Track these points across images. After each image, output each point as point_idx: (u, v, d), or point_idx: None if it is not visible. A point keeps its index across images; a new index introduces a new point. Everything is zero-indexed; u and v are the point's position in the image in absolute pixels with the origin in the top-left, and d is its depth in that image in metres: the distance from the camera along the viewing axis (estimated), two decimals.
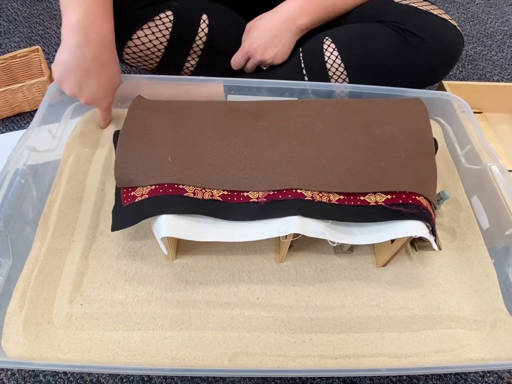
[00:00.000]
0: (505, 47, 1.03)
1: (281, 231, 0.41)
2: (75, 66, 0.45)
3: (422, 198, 0.43)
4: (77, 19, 0.44)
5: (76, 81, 0.47)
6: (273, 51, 0.64)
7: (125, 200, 0.43)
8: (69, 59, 0.45)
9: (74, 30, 0.44)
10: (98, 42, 0.45)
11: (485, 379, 0.53)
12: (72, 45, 0.44)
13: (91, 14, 0.45)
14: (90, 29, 0.44)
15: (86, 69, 0.46)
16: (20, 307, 0.43)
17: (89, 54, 0.45)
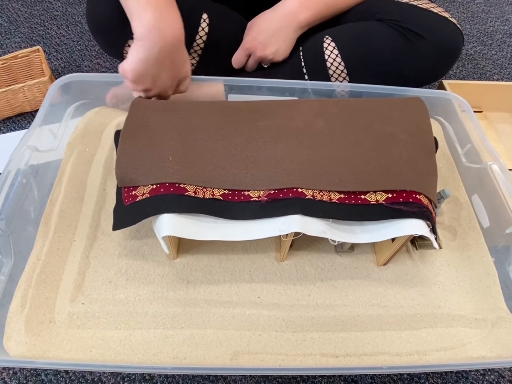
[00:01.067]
0: (505, 46, 1.03)
1: (282, 230, 0.41)
2: (153, 63, 0.46)
3: (422, 197, 0.44)
4: (150, 18, 0.44)
5: (152, 76, 0.48)
6: (274, 47, 0.64)
7: (126, 200, 0.43)
8: (146, 57, 0.46)
9: (149, 30, 0.44)
10: (172, 37, 0.46)
11: (486, 377, 0.53)
12: (149, 44, 0.45)
13: (163, 10, 0.45)
14: (163, 25, 0.45)
15: (161, 63, 0.47)
16: (22, 306, 0.43)
17: (165, 50, 0.46)
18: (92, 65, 0.89)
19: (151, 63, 0.46)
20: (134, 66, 0.47)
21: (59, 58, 0.90)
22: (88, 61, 0.90)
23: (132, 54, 0.46)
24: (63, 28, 0.96)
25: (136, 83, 0.49)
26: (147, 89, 0.50)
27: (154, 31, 0.45)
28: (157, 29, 0.45)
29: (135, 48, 0.46)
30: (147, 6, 0.45)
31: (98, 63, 0.90)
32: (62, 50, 0.92)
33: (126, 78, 0.49)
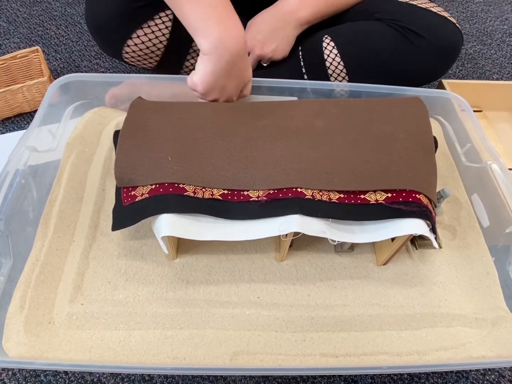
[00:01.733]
0: (504, 45, 1.03)
1: (281, 230, 0.41)
2: (221, 75, 0.48)
3: (422, 196, 0.43)
4: (216, 33, 0.45)
5: (220, 87, 0.49)
6: (273, 45, 0.64)
7: (125, 200, 0.43)
8: (214, 70, 0.47)
9: (215, 45, 0.45)
10: (236, 48, 0.46)
11: (486, 377, 0.53)
12: (215, 57, 0.46)
13: (225, 21, 0.46)
14: (227, 37, 0.46)
15: (228, 74, 0.48)
16: (21, 307, 0.43)
17: (231, 61, 0.47)
18: (91, 65, 0.89)
19: (219, 75, 0.48)
20: (204, 79, 0.48)
21: (58, 59, 0.90)
22: (87, 61, 0.90)
23: (200, 68, 0.48)
24: (62, 29, 0.96)
25: (206, 95, 0.50)
26: (215, 99, 0.51)
27: (220, 45, 0.45)
28: (223, 42, 0.45)
29: (203, 62, 0.47)
30: (211, 21, 0.45)
31: (97, 63, 0.90)
32: (61, 50, 0.91)
33: (195, 91, 0.50)
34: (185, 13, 0.46)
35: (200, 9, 0.45)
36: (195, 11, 0.46)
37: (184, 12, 0.47)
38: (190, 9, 0.46)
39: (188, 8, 0.46)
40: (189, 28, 0.47)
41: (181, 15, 0.47)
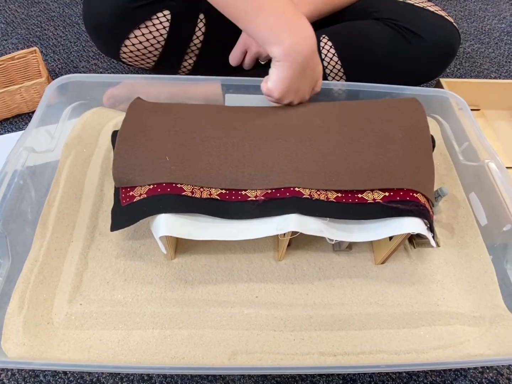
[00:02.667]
0: (502, 44, 1.04)
1: (279, 229, 0.41)
2: (295, 79, 0.48)
3: (419, 195, 0.44)
4: (288, 40, 0.45)
5: (295, 90, 0.50)
6: None
7: (123, 200, 0.43)
8: (289, 76, 0.47)
9: (288, 52, 0.45)
10: (308, 50, 0.46)
11: (485, 375, 0.53)
12: (289, 63, 0.46)
13: (295, 26, 0.46)
14: (299, 41, 0.46)
15: (302, 76, 0.48)
16: (20, 308, 0.43)
17: (304, 63, 0.47)
18: (90, 66, 0.89)
19: (294, 79, 0.48)
20: (279, 85, 0.48)
21: (56, 59, 0.90)
22: (85, 62, 0.90)
23: (274, 75, 0.48)
24: (60, 29, 0.96)
25: (282, 99, 0.50)
26: (291, 102, 0.52)
27: (293, 51, 0.45)
28: (295, 47, 0.45)
29: (276, 68, 0.48)
30: (282, 29, 0.45)
31: (96, 64, 0.90)
32: (59, 51, 0.92)
33: (271, 97, 0.50)
34: (254, 26, 0.46)
35: (269, 19, 0.45)
36: (265, 22, 0.45)
37: (253, 24, 0.46)
38: (259, 20, 0.45)
39: (257, 20, 0.45)
40: (259, 39, 0.47)
41: (250, 28, 0.47)
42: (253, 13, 0.45)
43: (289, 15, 0.46)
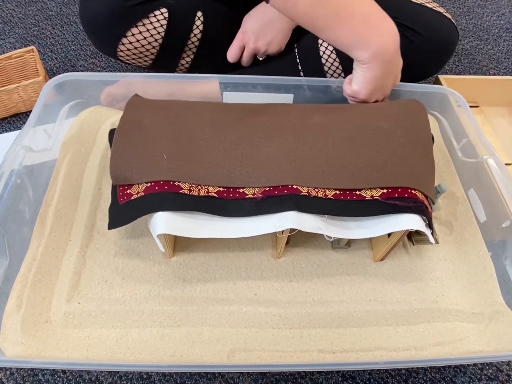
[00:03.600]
0: (501, 41, 1.03)
1: (277, 226, 0.41)
2: (382, 77, 0.49)
3: (418, 192, 0.43)
4: (376, 44, 0.45)
5: (381, 88, 0.51)
6: (267, 38, 0.64)
7: (121, 198, 0.43)
8: (376, 76, 0.48)
9: (376, 54, 0.46)
10: (394, 48, 0.47)
11: (484, 371, 0.53)
12: (376, 64, 0.47)
13: (381, 27, 0.46)
14: (385, 42, 0.46)
15: (389, 73, 0.49)
16: (18, 307, 0.43)
17: (390, 60, 0.48)
18: (87, 64, 0.89)
19: (380, 78, 0.48)
20: (366, 86, 0.49)
21: (54, 58, 0.90)
22: (83, 61, 0.89)
23: (360, 77, 0.49)
24: (57, 28, 0.96)
25: (368, 99, 0.51)
26: (376, 100, 0.52)
27: (381, 51, 0.46)
28: (383, 47, 0.46)
29: (362, 70, 0.48)
30: (369, 31, 0.45)
31: (93, 63, 0.89)
32: (57, 50, 0.91)
33: (356, 98, 0.51)
34: (340, 33, 0.46)
35: (359, 24, 0.45)
36: (354, 27, 0.45)
37: (338, 32, 0.46)
38: (348, 26, 0.45)
39: (346, 26, 0.45)
40: (344, 46, 0.47)
41: (336, 35, 0.46)
42: (343, 20, 0.45)
43: (376, 16, 0.46)
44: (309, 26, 0.47)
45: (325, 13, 0.45)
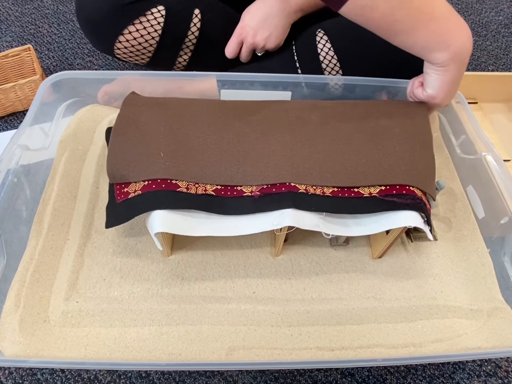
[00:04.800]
0: (499, 37, 1.03)
1: (275, 224, 0.41)
2: (460, 78, 0.48)
3: (416, 189, 0.43)
4: (456, 45, 0.44)
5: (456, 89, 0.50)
6: (265, 33, 0.63)
7: (118, 197, 0.43)
8: (456, 77, 0.47)
9: (455, 55, 0.45)
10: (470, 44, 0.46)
11: (483, 368, 0.53)
12: (454, 66, 0.46)
13: (460, 27, 0.45)
14: (465, 39, 0.45)
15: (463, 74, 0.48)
16: (16, 306, 0.42)
17: (467, 59, 0.46)
18: (85, 63, 0.88)
19: (458, 79, 0.47)
20: (444, 90, 0.48)
21: (51, 57, 0.89)
22: (80, 59, 0.89)
23: (437, 80, 0.47)
24: (54, 27, 0.96)
25: (443, 103, 0.50)
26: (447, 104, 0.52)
27: (460, 52, 0.45)
28: (462, 47, 0.45)
29: (438, 74, 0.47)
30: (449, 33, 0.44)
31: (91, 61, 0.89)
32: (53, 48, 0.91)
33: (433, 103, 0.50)
34: (420, 35, 0.44)
35: (440, 25, 0.44)
36: (432, 29, 0.44)
37: (417, 34, 0.44)
38: (426, 29, 0.44)
39: (423, 29, 0.44)
40: (421, 49, 0.46)
41: (413, 39, 0.45)
42: (423, 21, 0.43)
43: (455, 17, 0.45)
44: (386, 30, 0.45)
45: (406, 15, 0.43)
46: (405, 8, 0.42)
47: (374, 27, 0.45)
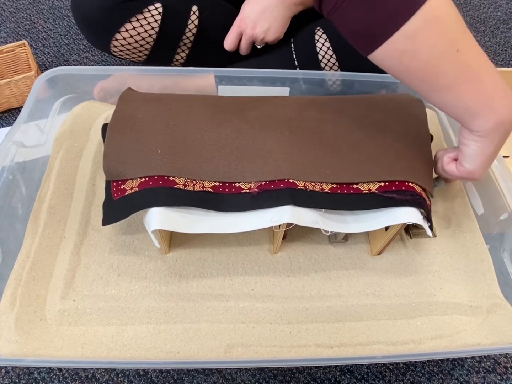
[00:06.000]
0: (498, 32, 1.03)
1: (273, 221, 0.41)
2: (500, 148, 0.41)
3: (415, 185, 0.43)
4: (504, 109, 0.38)
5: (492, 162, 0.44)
6: (265, 25, 0.62)
7: (115, 194, 0.42)
8: (498, 148, 0.41)
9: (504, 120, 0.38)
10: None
11: (482, 364, 0.53)
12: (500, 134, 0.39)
13: (506, 89, 0.39)
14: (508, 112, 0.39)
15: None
16: (12, 304, 0.42)
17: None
18: (81, 59, 0.88)
19: (499, 150, 0.41)
20: (484, 164, 0.41)
21: (46, 53, 0.88)
22: (76, 55, 0.88)
23: (476, 153, 0.40)
24: (49, 22, 0.95)
25: (481, 176, 0.43)
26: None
27: (507, 119, 0.39)
28: (508, 118, 0.39)
29: (479, 145, 0.40)
30: (497, 96, 0.38)
31: (87, 57, 0.88)
32: (49, 44, 0.90)
33: (470, 179, 0.45)
34: (464, 94, 0.38)
35: (485, 86, 0.37)
36: (479, 89, 0.37)
37: (461, 93, 0.38)
38: (472, 88, 0.37)
39: (469, 87, 0.37)
40: (463, 112, 0.39)
41: (455, 97, 0.38)
42: (470, 79, 0.37)
43: (501, 81, 0.38)
44: (427, 83, 0.38)
45: (452, 68, 0.36)
46: (451, 60, 0.36)
47: (412, 78, 0.38)
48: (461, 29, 0.36)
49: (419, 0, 0.34)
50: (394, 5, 0.34)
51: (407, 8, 0.34)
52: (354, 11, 0.36)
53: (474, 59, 0.37)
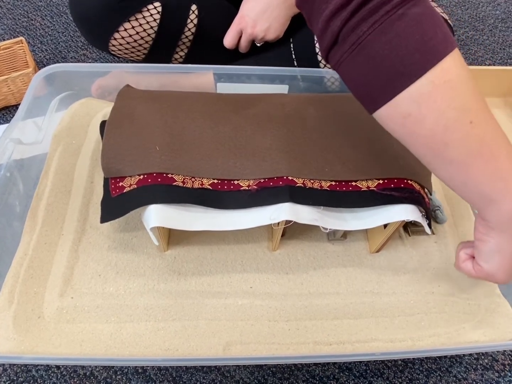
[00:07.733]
0: (496, 31, 1.03)
1: (272, 218, 0.41)
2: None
3: (414, 183, 0.43)
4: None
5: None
6: (265, 24, 0.62)
7: (113, 191, 0.42)
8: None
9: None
10: None
11: (480, 361, 0.53)
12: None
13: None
14: None
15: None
16: (10, 302, 0.42)
17: None
18: (78, 56, 0.87)
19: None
20: (506, 265, 0.35)
21: (44, 50, 0.88)
22: (74, 53, 0.88)
23: (493, 249, 0.35)
24: (47, 19, 0.94)
25: (507, 280, 0.37)
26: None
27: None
28: None
29: (497, 240, 0.34)
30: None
31: (85, 54, 0.88)
32: (47, 41, 0.89)
33: (497, 282, 0.38)
34: (473, 174, 0.32)
35: (499, 167, 0.32)
36: (492, 170, 0.32)
37: (470, 172, 0.32)
38: (485, 166, 0.32)
39: (482, 165, 0.32)
40: (475, 195, 0.33)
41: (466, 176, 0.33)
42: (484, 155, 0.32)
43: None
44: (434, 153, 0.33)
45: (462, 141, 0.31)
46: (462, 131, 0.31)
47: (419, 146, 0.33)
48: (475, 98, 0.32)
49: (431, 60, 0.30)
50: (401, 62, 0.30)
51: (416, 67, 0.30)
52: (357, 66, 0.32)
53: (489, 133, 0.32)
